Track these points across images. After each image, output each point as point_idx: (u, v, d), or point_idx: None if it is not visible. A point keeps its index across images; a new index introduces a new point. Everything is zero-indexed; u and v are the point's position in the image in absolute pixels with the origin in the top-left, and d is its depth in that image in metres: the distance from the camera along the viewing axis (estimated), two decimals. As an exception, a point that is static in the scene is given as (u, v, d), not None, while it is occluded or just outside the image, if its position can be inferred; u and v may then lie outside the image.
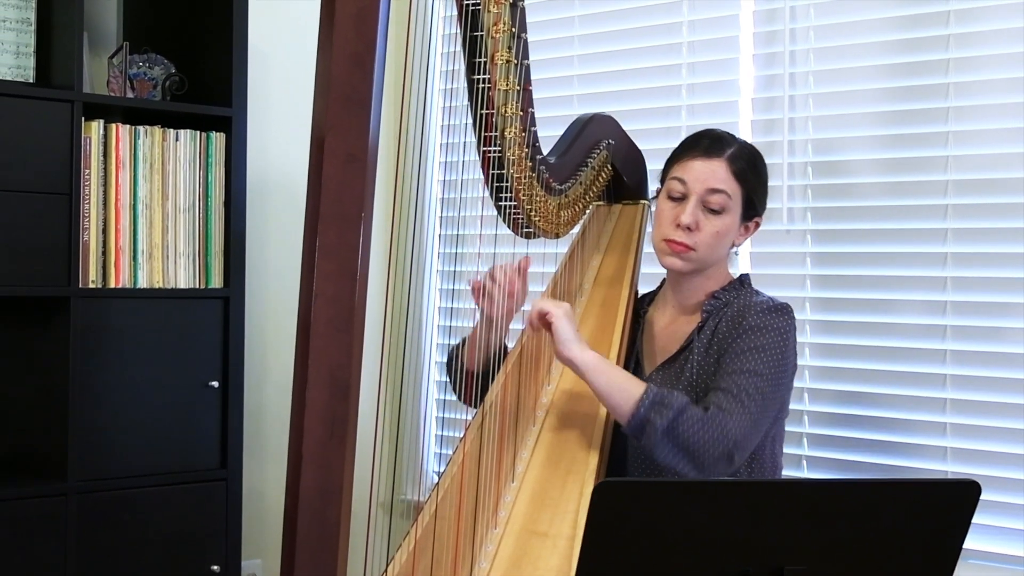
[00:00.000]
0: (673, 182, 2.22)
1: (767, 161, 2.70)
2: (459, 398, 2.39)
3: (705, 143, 2.22)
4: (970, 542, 1.50)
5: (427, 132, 3.32)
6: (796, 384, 2.34)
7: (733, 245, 2.26)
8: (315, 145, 1.48)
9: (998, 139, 2.43)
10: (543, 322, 2.09)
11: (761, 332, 2.13)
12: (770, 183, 2.68)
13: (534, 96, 2.13)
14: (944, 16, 2.48)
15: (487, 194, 2.17)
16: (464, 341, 2.37)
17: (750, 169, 2.22)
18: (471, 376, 2.31)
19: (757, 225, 2.28)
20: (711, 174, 2.18)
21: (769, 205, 2.69)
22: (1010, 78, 2.40)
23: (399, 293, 3.27)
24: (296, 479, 1.47)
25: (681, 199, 2.20)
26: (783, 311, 2.17)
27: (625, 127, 2.47)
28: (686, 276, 2.26)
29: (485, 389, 2.24)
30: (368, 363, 1.60)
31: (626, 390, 2.05)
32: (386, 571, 1.98)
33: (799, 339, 2.24)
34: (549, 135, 2.32)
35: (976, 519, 1.45)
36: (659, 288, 2.38)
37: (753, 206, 2.24)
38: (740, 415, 2.04)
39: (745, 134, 2.76)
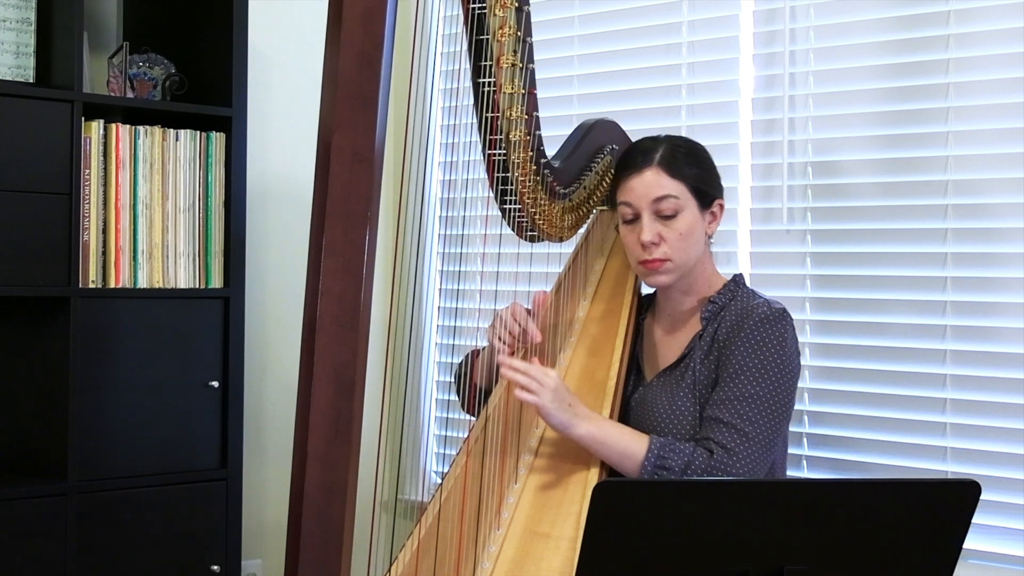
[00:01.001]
0: (622, 207, 2.24)
1: (767, 161, 2.72)
2: (465, 410, 2.39)
3: (636, 160, 2.23)
4: (970, 542, 1.50)
5: (431, 132, 3.32)
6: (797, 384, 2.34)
7: (708, 236, 2.26)
8: (322, 144, 1.48)
9: (998, 139, 2.43)
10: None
11: (758, 348, 2.11)
12: (770, 183, 2.71)
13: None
14: (944, 16, 2.48)
15: (491, 194, 2.18)
16: (470, 356, 2.37)
17: (684, 162, 2.22)
18: (477, 389, 2.32)
19: (722, 208, 2.27)
20: (650, 185, 2.19)
21: (769, 205, 2.71)
22: (1010, 78, 2.40)
23: (403, 292, 3.27)
24: (301, 476, 1.48)
25: (635, 220, 2.21)
26: (779, 319, 2.15)
27: (625, 127, 2.47)
28: (673, 285, 2.26)
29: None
30: (371, 362, 1.60)
31: (627, 455, 2.06)
32: (389, 570, 1.99)
33: (800, 339, 2.24)
34: (549, 135, 2.32)
35: (976, 519, 1.46)
36: (654, 295, 2.39)
37: (705, 193, 2.23)
38: (746, 451, 2.04)
39: (745, 134, 2.76)
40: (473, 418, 2.29)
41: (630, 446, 2.06)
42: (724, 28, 2.82)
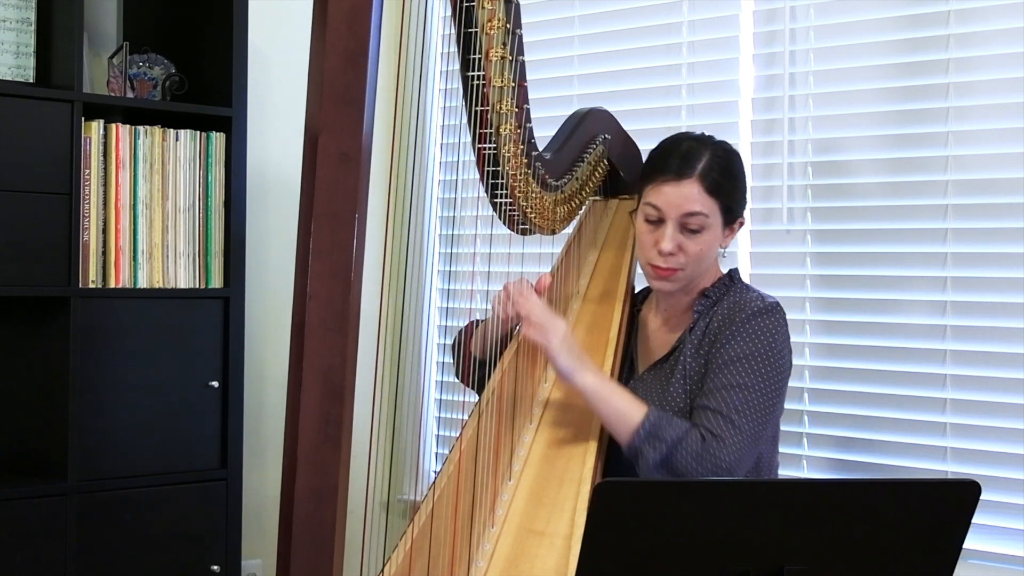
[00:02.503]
0: (647, 208, 2.17)
1: (767, 161, 2.72)
2: (460, 379, 2.38)
3: (675, 164, 2.14)
4: (970, 542, 1.50)
5: (424, 132, 3.32)
6: (796, 384, 2.34)
7: (721, 249, 2.23)
8: (308, 144, 1.48)
9: (998, 139, 2.42)
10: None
11: (750, 338, 2.10)
12: (770, 183, 2.70)
13: (534, 96, 2.13)
14: (944, 16, 2.48)
15: (484, 193, 2.17)
16: (470, 325, 2.37)
17: (724, 179, 2.16)
18: (475, 361, 2.31)
19: (741, 224, 2.24)
20: (685, 199, 2.12)
21: (769, 205, 2.70)
22: (1010, 78, 2.39)
23: (395, 293, 3.26)
24: (291, 481, 1.47)
25: (659, 223, 2.15)
26: (771, 311, 2.13)
27: (625, 127, 2.47)
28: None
29: (486, 374, 2.24)
30: (367, 363, 1.60)
31: (624, 418, 2.05)
32: (383, 571, 1.98)
33: (799, 339, 2.23)
34: (550, 135, 2.32)
35: (976, 519, 1.45)
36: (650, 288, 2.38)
37: (732, 211, 2.19)
38: (735, 440, 2.03)
39: (745, 134, 2.76)
40: (469, 389, 2.30)
41: (629, 409, 2.06)
42: (724, 28, 2.82)
